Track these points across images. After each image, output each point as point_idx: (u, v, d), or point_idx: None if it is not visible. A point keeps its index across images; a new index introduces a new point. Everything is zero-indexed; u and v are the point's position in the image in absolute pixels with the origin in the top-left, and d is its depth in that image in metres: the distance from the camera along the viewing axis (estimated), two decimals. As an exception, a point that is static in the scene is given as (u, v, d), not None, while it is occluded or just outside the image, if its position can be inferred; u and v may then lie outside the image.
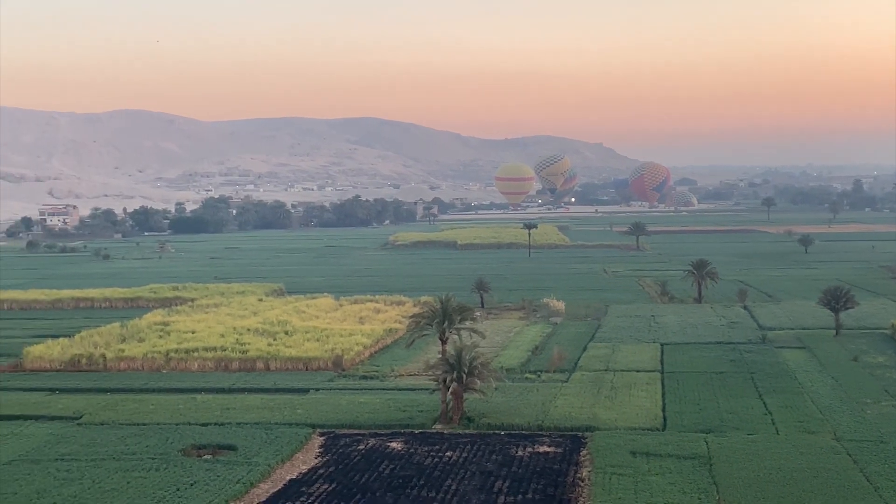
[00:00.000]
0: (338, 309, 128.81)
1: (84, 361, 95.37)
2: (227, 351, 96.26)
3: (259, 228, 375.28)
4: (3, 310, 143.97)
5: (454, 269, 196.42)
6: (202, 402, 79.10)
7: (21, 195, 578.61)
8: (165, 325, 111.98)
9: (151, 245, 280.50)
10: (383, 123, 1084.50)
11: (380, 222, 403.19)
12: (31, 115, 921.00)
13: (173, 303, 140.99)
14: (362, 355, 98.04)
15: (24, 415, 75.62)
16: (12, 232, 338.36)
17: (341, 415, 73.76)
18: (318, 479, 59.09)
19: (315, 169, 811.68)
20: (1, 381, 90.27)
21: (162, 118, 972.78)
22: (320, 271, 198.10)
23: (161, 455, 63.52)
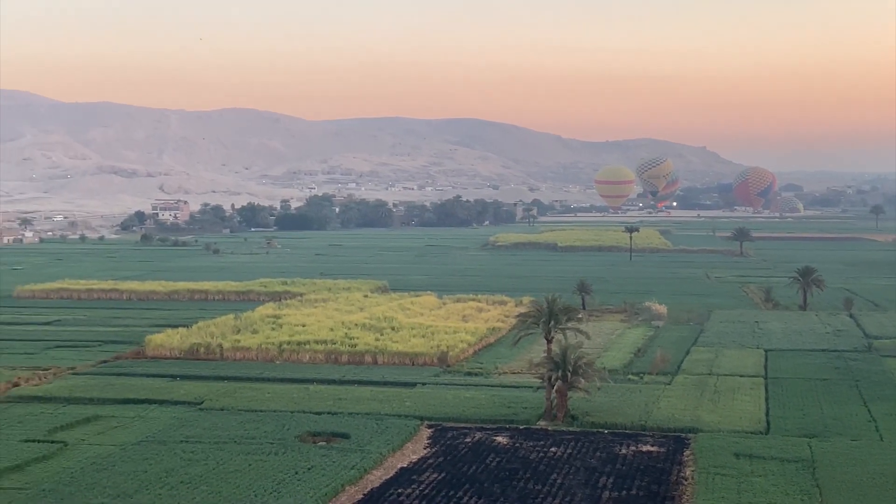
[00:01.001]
0: (441, 307, 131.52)
1: (202, 350, 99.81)
2: (337, 344, 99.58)
3: (361, 227, 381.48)
4: (123, 300, 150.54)
5: (554, 270, 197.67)
6: (315, 392, 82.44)
7: (133, 190, 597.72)
8: (277, 317, 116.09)
9: (258, 241, 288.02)
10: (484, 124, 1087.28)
11: (479, 223, 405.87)
12: (143, 112, 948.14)
13: (282, 297, 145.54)
14: (466, 352, 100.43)
15: (148, 399, 79.88)
16: (126, 225, 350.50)
17: (448, 408, 76.19)
18: (428, 468, 61.53)
19: (416, 169, 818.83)
20: (125, 367, 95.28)
21: (268, 117, 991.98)
22: (422, 270, 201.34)
23: (279, 440, 66.75)
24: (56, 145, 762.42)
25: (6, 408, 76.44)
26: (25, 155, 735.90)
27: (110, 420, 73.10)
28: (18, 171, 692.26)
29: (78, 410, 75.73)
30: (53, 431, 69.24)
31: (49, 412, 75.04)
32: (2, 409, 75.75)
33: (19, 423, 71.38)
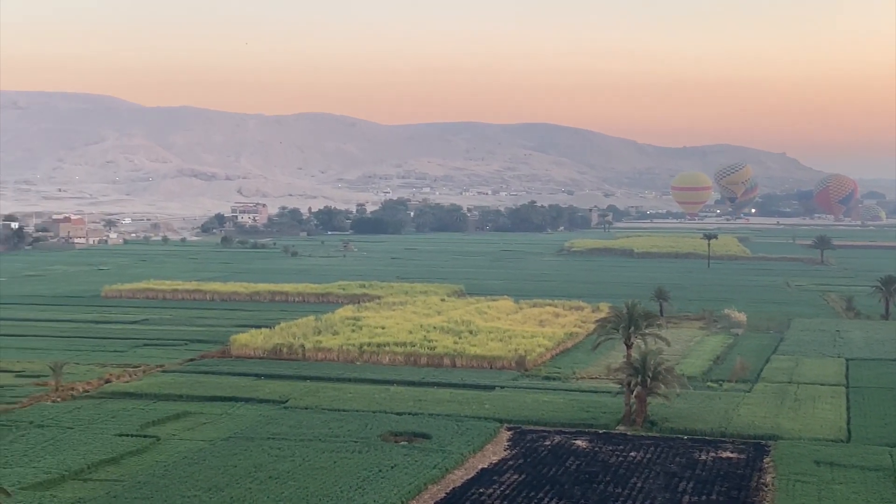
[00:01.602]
0: (518, 311, 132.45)
1: (285, 350, 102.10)
2: (416, 347, 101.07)
3: (435, 231, 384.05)
4: (206, 301, 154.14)
5: (631, 277, 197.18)
6: (395, 393, 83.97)
7: (212, 193, 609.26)
8: (356, 319, 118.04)
9: (335, 244, 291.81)
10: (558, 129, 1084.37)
11: (554, 228, 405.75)
12: (222, 116, 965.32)
13: (361, 299, 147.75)
14: (544, 357, 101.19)
15: (235, 397, 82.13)
16: (207, 228, 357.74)
17: (527, 412, 77.09)
18: (508, 469, 62.51)
19: (490, 174, 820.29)
20: (211, 365, 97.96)
21: (344, 121, 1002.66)
22: (498, 274, 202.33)
23: (362, 439, 68.31)
24: (138, 149, 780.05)
25: (99, 403, 79.25)
26: (108, 158, 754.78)
27: (199, 416, 75.43)
28: (102, 173, 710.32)
29: (168, 407, 78.26)
30: (146, 426, 71.70)
31: (141, 408, 77.64)
32: (95, 405, 78.55)
33: (113, 418, 74.00)
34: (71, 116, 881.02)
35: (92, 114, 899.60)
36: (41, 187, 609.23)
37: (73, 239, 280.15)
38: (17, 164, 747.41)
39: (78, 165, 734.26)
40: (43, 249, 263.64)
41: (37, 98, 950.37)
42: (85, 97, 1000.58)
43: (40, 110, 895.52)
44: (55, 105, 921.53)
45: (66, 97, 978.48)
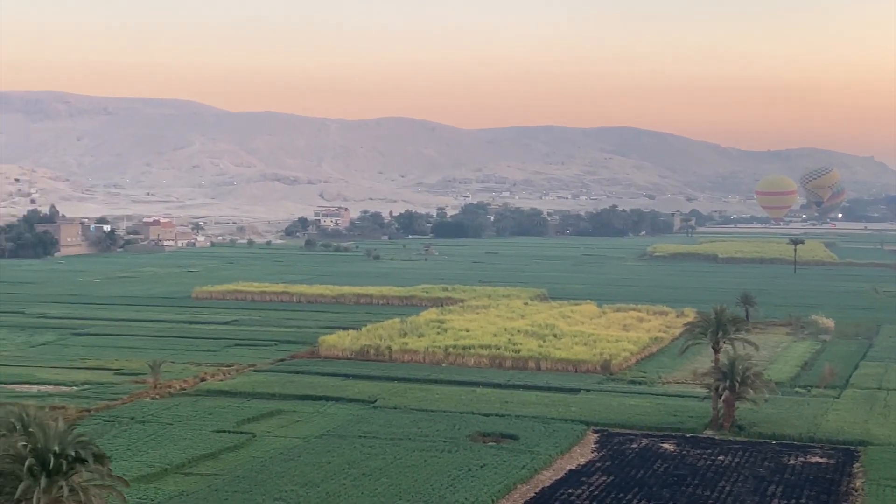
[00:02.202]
0: (601, 316, 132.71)
1: (372, 352, 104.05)
2: (501, 349, 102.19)
3: (516, 235, 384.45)
4: (293, 302, 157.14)
5: (715, 282, 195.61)
6: (482, 395, 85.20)
7: (295, 196, 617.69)
8: (441, 322, 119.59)
9: (416, 247, 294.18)
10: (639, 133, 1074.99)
11: (636, 233, 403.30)
12: (304, 121, 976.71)
13: (444, 302, 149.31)
14: (629, 361, 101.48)
15: (325, 396, 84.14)
16: (290, 231, 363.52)
17: (613, 415, 77.69)
18: (596, 471, 63.26)
19: (569, 177, 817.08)
20: (301, 365, 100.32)
21: (424, 126, 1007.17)
22: (580, 279, 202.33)
23: (451, 439, 69.63)
24: (223, 153, 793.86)
25: (196, 400, 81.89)
26: (194, 162, 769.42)
27: (292, 414, 77.53)
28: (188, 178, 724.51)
29: (261, 405, 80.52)
30: (241, 423, 73.96)
31: (235, 405, 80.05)
32: (192, 402, 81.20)
33: (210, 414, 76.46)
34: (159, 122, 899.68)
35: (179, 119, 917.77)
36: (130, 191, 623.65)
37: (162, 241, 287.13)
38: (106, 168, 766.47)
39: (165, 170, 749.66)
40: (133, 252, 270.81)
41: (126, 104, 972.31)
42: (172, 103, 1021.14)
43: (129, 116, 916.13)
44: (143, 111, 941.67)
45: (154, 103, 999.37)
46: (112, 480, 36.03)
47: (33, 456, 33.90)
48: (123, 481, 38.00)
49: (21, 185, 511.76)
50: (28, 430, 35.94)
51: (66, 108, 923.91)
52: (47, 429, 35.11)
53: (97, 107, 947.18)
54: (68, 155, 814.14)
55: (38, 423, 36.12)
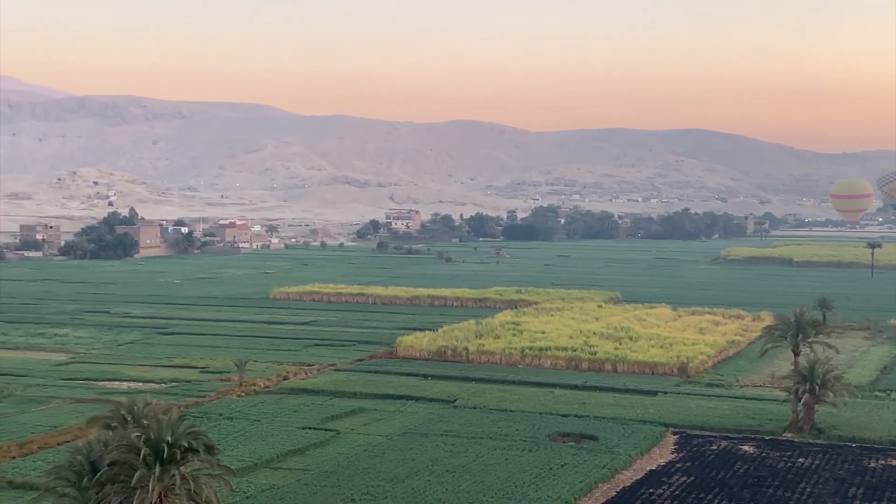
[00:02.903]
0: (676, 319, 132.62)
1: (449, 353, 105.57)
2: (577, 351, 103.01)
3: (586, 238, 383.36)
4: (368, 304, 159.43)
5: (790, 286, 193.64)
6: (559, 396, 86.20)
7: (365, 199, 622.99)
8: (516, 324, 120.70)
9: (487, 250, 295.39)
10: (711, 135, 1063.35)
11: (708, 236, 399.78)
12: (374, 124, 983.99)
13: (517, 304, 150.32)
14: (706, 364, 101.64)
15: (405, 395, 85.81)
16: (362, 233, 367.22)
17: (691, 417, 78.18)
18: (676, 471, 63.94)
19: (640, 180, 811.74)
20: (379, 365, 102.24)
21: (494, 128, 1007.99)
22: (653, 282, 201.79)
23: (531, 438, 70.80)
24: (294, 156, 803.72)
25: (280, 398, 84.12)
26: (267, 165, 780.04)
27: (374, 413, 79.33)
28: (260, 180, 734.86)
29: (344, 403, 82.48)
30: (325, 420, 75.94)
31: (319, 403, 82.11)
32: (277, 399, 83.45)
33: (295, 412, 78.59)
34: (232, 126, 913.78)
35: (251, 123, 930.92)
36: (204, 194, 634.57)
37: (237, 243, 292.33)
38: (181, 171, 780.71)
39: (238, 172, 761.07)
40: (210, 253, 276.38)
41: (200, 108, 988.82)
42: (245, 107, 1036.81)
43: (203, 120, 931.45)
44: (217, 115, 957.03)
45: (227, 107, 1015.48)
46: (220, 470, 37.91)
47: (148, 446, 35.88)
48: (231, 471, 39.89)
49: (99, 187, 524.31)
50: (142, 422, 37.99)
51: (142, 112, 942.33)
52: (161, 420, 37.11)
53: (172, 111, 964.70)
54: (144, 158, 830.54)
55: (152, 415, 38.18)
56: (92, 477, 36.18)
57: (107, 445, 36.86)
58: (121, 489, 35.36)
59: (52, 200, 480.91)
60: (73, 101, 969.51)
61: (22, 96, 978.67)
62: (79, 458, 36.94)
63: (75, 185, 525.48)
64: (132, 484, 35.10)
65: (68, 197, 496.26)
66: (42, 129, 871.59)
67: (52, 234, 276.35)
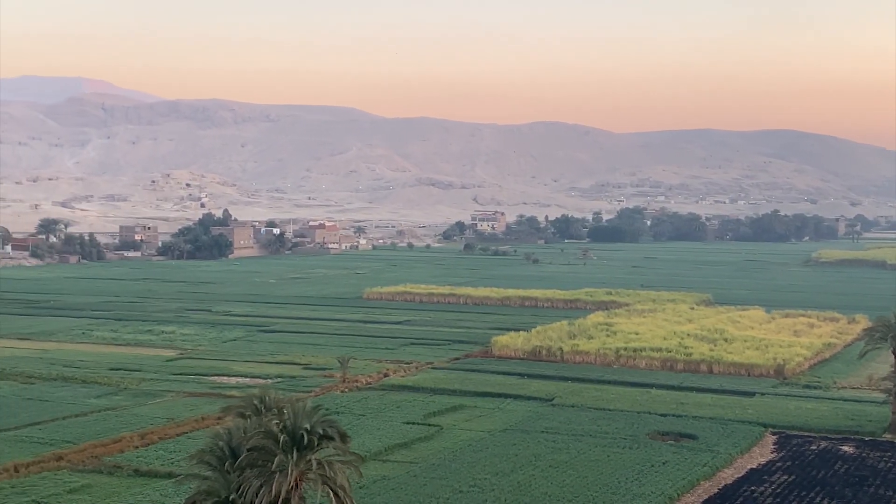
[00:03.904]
0: (770, 321, 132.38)
1: (543, 353, 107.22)
2: (672, 352, 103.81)
3: (673, 240, 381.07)
4: (460, 304, 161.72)
5: (885, 289, 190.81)
6: (656, 396, 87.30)
7: (449, 201, 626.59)
8: (609, 325, 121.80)
9: (573, 251, 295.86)
10: (800, 136, 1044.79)
11: (798, 238, 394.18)
12: (457, 126, 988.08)
13: (608, 306, 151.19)
14: (802, 366, 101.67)
15: (504, 393, 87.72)
16: (448, 235, 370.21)
17: (790, 417, 78.70)
18: (777, 470, 64.73)
19: (727, 182, 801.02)
20: (475, 364, 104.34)
21: (577, 130, 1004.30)
22: (744, 284, 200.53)
23: (630, 437, 72.15)
24: (379, 158, 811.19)
25: (382, 394, 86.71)
26: (352, 167, 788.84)
27: (474, 409, 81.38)
28: (346, 182, 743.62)
29: (444, 400, 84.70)
30: (428, 416, 78.22)
31: (420, 400, 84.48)
32: (379, 396, 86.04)
33: (398, 407, 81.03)
34: (317, 128, 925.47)
35: (337, 125, 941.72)
36: (291, 195, 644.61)
37: (327, 244, 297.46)
38: (269, 173, 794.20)
39: (324, 175, 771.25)
40: (301, 254, 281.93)
41: (286, 111, 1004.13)
42: (330, 109, 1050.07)
43: (290, 123, 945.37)
44: (303, 117, 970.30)
45: (313, 110, 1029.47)
46: (351, 457, 40.26)
47: (285, 433, 38.35)
48: (360, 458, 42.20)
49: (191, 189, 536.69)
50: (280, 410, 40.52)
51: (231, 115, 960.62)
52: (297, 409, 39.60)
53: (260, 114, 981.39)
54: (233, 161, 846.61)
55: (289, 404, 40.70)
56: (233, 462, 38.77)
57: (246, 432, 39.45)
58: (260, 473, 37.80)
59: (147, 202, 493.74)
60: (165, 105, 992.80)
61: (116, 100, 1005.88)
62: (220, 443, 39.55)
63: (168, 187, 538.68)
64: (272, 468, 37.55)
65: (162, 199, 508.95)
66: (135, 133, 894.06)
67: (150, 234, 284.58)
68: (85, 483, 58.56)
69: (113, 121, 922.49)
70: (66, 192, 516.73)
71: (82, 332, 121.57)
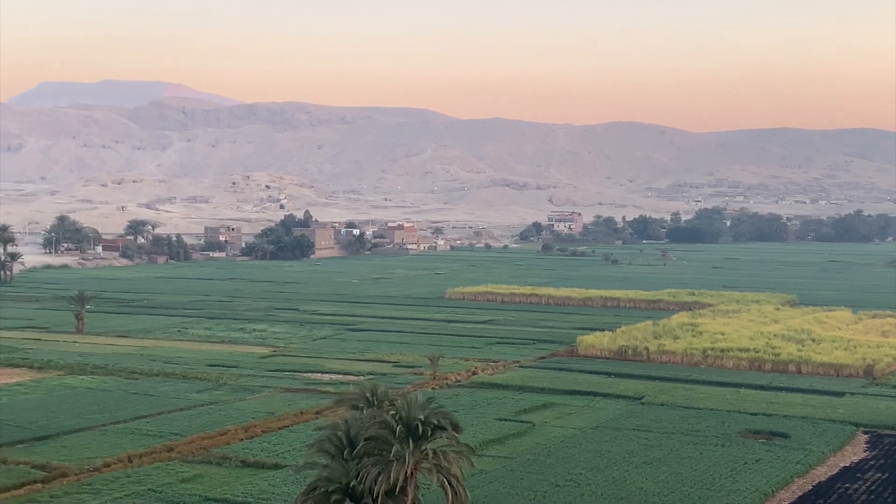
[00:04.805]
0: (857, 322, 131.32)
1: (629, 352, 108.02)
2: (759, 353, 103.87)
3: (753, 240, 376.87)
4: (541, 304, 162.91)
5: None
6: (745, 395, 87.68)
7: (524, 201, 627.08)
8: (694, 325, 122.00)
9: (652, 252, 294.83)
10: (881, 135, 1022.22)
11: (882, 238, 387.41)
12: (531, 126, 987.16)
13: (691, 307, 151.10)
14: (892, 366, 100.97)
15: (592, 391, 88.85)
16: (525, 235, 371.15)
17: (882, 417, 78.61)
18: (870, 468, 64.96)
19: (807, 181, 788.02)
20: (562, 363, 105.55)
21: (653, 129, 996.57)
22: (828, 285, 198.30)
23: (722, 435, 72.82)
24: (454, 160, 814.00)
25: (472, 392, 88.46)
26: (427, 169, 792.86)
27: (563, 407, 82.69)
28: (421, 183, 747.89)
29: (533, 397, 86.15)
30: (519, 413, 79.73)
31: (510, 397, 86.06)
32: (469, 393, 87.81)
33: (489, 404, 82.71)
34: (393, 130, 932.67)
35: (412, 127, 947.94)
36: (367, 197, 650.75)
37: (406, 245, 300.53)
38: (345, 175, 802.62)
39: (399, 176, 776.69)
40: (380, 254, 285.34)
41: (362, 113, 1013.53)
42: (406, 111, 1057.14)
43: (366, 124, 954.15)
44: (378, 119, 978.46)
45: (388, 111, 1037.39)
46: (463, 447, 42.04)
47: (401, 423, 40.30)
48: (472, 449, 43.94)
49: (271, 191, 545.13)
50: (394, 402, 42.52)
51: (307, 118, 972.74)
52: (411, 400, 41.52)
53: (336, 116, 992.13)
54: (309, 162, 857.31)
55: (403, 395, 42.68)
56: (351, 451, 40.83)
57: (362, 423, 41.49)
58: (377, 461, 39.81)
59: (227, 203, 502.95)
60: (243, 109, 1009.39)
61: (196, 104, 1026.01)
62: (338, 433, 41.66)
63: (248, 188, 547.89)
64: (389, 457, 39.51)
65: (242, 200, 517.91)
66: (214, 136, 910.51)
67: (234, 235, 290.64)
68: (196, 473, 61.21)
69: (193, 124, 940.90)
70: (149, 193, 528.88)
71: (177, 330, 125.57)
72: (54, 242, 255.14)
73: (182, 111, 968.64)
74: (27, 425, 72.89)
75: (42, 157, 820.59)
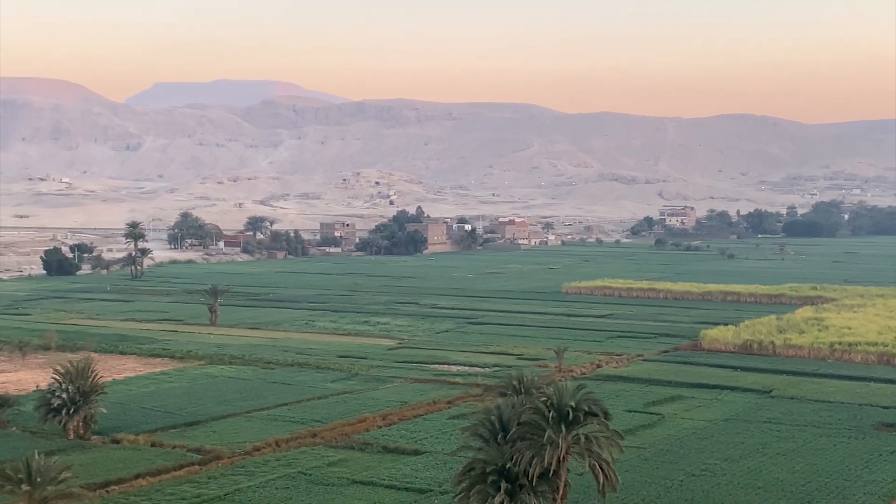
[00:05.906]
0: None
1: (755, 346, 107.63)
2: (889, 347, 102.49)
3: (873, 234, 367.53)
4: (659, 298, 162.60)
5: None
6: (875, 389, 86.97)
7: (633, 196, 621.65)
8: (819, 320, 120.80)
9: (769, 246, 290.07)
10: None
11: None
12: (641, 120, 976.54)
13: (814, 301, 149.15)
14: None
15: (719, 385, 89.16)
16: (636, 230, 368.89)
17: None
18: None
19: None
20: (685, 357, 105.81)
21: (766, 122, 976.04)
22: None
23: (854, 427, 72.68)
24: (561, 154, 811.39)
25: (599, 384, 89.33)
26: (534, 164, 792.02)
27: (691, 400, 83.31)
28: (528, 178, 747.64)
29: (660, 390, 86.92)
30: (648, 405, 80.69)
31: (637, 389, 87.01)
32: (597, 385, 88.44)
33: (616, 396, 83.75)
34: (499, 125, 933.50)
35: (518, 122, 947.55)
36: (475, 192, 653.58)
37: (517, 240, 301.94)
38: (452, 171, 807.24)
39: (506, 171, 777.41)
40: (492, 249, 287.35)
41: (469, 109, 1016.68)
42: (512, 107, 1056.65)
43: (472, 120, 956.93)
44: (485, 115, 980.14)
45: (494, 107, 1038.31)
46: (613, 433, 43.56)
47: (553, 409, 42.03)
48: (620, 435, 45.46)
49: (380, 187, 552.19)
50: (541, 389, 44.30)
51: (414, 114, 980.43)
52: (561, 387, 43.23)
53: (443, 112, 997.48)
54: (417, 158, 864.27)
55: (554, 383, 44.43)
56: (504, 435, 42.73)
57: (513, 409, 43.36)
58: (531, 445, 41.60)
59: (339, 200, 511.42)
60: (352, 106, 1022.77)
61: (305, 102, 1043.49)
62: (492, 418, 43.60)
63: (359, 185, 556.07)
64: (543, 441, 41.26)
65: (353, 196, 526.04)
66: (324, 133, 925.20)
67: (348, 231, 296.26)
68: (341, 458, 64.01)
69: (303, 122, 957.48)
70: (264, 190, 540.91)
71: (305, 323, 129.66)
72: (179, 238, 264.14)
73: (293, 109, 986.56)
74: (176, 412, 76.94)
75: (159, 155, 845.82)
